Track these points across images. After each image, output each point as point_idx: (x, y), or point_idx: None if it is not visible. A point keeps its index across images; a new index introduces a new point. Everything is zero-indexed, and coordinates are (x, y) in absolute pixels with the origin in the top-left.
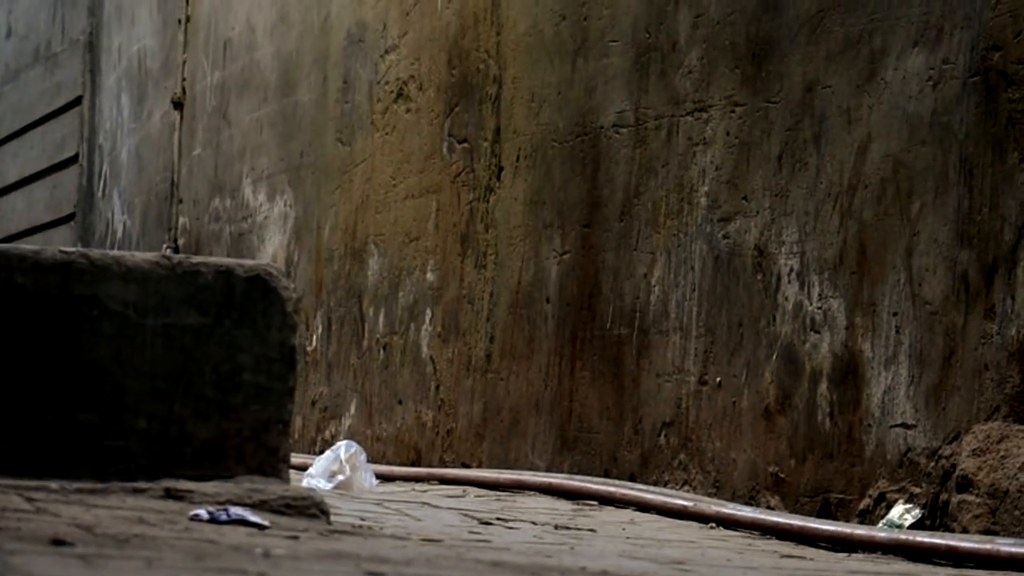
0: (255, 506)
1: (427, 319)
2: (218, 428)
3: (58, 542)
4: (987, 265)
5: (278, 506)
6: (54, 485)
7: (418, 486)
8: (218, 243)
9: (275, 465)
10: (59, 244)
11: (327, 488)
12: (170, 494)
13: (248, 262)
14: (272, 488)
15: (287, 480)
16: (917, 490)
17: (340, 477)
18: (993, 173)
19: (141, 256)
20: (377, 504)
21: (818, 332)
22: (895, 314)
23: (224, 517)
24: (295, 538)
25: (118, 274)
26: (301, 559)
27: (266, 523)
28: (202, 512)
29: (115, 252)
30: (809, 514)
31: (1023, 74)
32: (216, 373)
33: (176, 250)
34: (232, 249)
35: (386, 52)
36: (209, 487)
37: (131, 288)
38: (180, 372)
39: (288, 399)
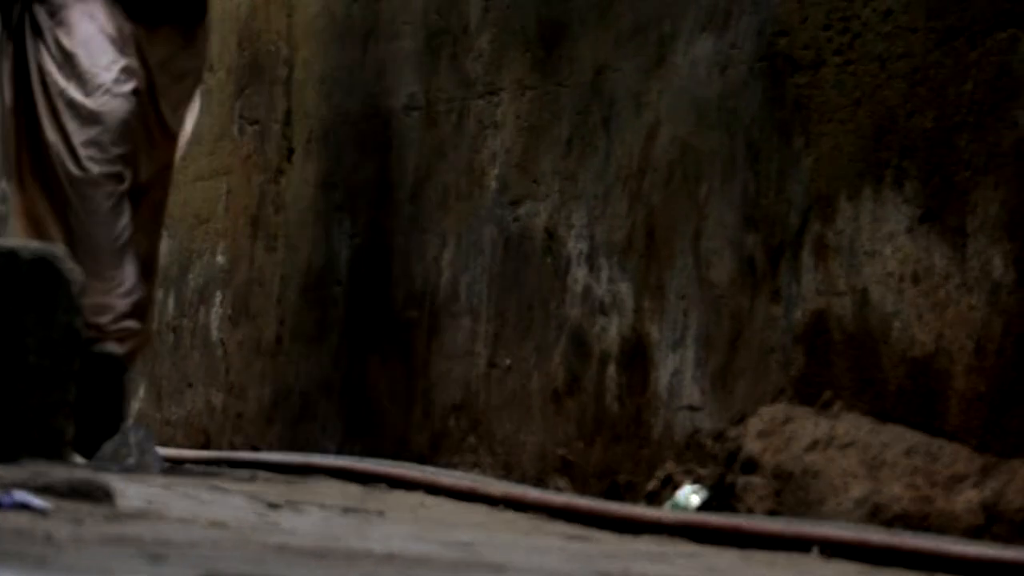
0: (40, 490)
1: (217, 302)
2: (2, 411)
3: None
4: (773, 249)
5: (63, 490)
6: None
7: (208, 469)
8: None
9: (60, 449)
10: None
11: (114, 471)
12: None
13: (33, 244)
14: (57, 472)
15: (73, 464)
16: (704, 472)
17: (128, 460)
18: (780, 158)
19: None
20: (165, 488)
21: (606, 315)
22: (682, 297)
23: (8, 501)
24: (79, 522)
25: None
26: (84, 543)
27: (49, 507)
28: None
29: None
30: (597, 496)
31: (809, 59)
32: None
33: None
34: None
35: None
36: None
37: None
38: None
39: (73, 383)
